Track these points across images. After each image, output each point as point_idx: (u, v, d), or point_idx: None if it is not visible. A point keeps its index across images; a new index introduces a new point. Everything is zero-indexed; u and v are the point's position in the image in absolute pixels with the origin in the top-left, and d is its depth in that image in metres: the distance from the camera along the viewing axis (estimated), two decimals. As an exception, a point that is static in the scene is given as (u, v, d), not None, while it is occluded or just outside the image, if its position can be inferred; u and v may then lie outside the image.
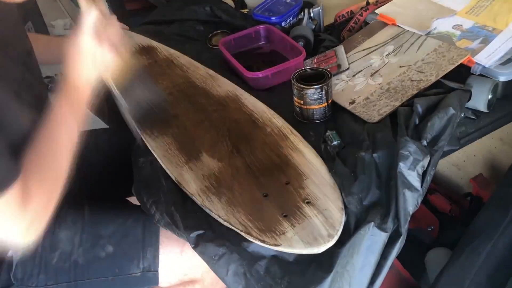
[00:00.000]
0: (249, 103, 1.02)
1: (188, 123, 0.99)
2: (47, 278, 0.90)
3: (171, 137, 0.96)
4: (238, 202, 0.80)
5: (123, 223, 0.94)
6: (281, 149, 0.89)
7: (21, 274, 0.89)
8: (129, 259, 0.92)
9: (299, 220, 0.75)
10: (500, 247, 0.96)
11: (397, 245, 0.75)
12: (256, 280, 0.72)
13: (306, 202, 0.78)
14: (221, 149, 0.91)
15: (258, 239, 0.73)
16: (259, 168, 0.86)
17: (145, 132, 0.97)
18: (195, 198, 0.82)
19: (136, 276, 0.92)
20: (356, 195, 0.77)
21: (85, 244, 0.92)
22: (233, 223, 0.76)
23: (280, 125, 0.95)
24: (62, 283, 0.90)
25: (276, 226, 0.74)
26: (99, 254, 0.91)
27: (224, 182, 0.84)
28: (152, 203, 0.88)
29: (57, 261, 0.90)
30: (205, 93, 1.07)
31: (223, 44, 1.21)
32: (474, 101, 0.91)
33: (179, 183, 0.85)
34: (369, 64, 1.05)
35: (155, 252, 0.92)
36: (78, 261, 0.91)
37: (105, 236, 0.92)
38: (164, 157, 0.91)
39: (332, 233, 0.72)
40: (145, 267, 0.92)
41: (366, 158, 0.81)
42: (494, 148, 1.32)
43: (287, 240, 0.72)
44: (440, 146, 0.81)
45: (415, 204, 0.76)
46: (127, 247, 0.92)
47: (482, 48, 0.96)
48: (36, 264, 0.90)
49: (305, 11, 1.30)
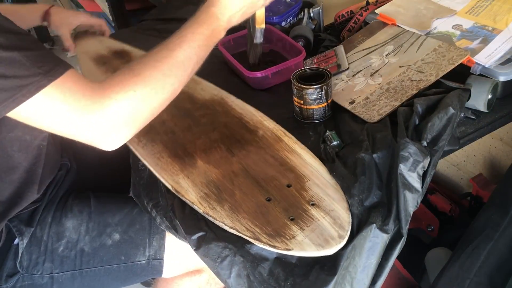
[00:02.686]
0: (237, 106, 1.00)
1: (176, 129, 0.96)
2: (53, 266, 0.91)
3: (160, 144, 0.93)
4: (242, 208, 0.78)
5: (129, 212, 0.95)
6: (277, 152, 0.88)
7: (26, 262, 0.90)
8: (135, 246, 0.92)
9: (307, 222, 0.74)
10: (500, 247, 0.96)
11: (398, 246, 0.74)
12: (259, 283, 0.72)
13: (311, 204, 0.77)
14: (215, 155, 0.89)
15: (268, 244, 0.72)
16: (257, 172, 0.84)
17: (132, 140, 0.93)
18: (197, 207, 0.80)
19: (142, 264, 0.93)
20: (357, 196, 0.77)
21: (91, 233, 0.92)
22: (240, 230, 0.74)
23: (272, 127, 0.94)
24: (68, 272, 0.91)
25: (285, 230, 0.74)
26: (106, 242, 0.92)
27: (224, 188, 0.82)
28: (152, 207, 0.88)
29: (63, 249, 0.91)
30: (189, 97, 1.05)
31: (222, 44, 1.21)
32: (473, 101, 0.91)
33: (177, 191, 0.83)
34: (369, 64, 1.05)
35: (161, 240, 0.92)
36: (84, 249, 0.91)
37: (112, 224, 0.93)
38: (157, 166, 0.88)
39: (343, 234, 0.72)
40: (151, 254, 0.92)
41: (366, 159, 0.81)
42: (494, 148, 1.32)
43: (298, 244, 0.71)
44: (440, 147, 0.81)
45: (415, 205, 0.76)
46: (134, 235, 0.93)
47: (482, 48, 0.96)
48: (42, 252, 0.90)
49: (305, 11, 1.30)
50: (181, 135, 0.95)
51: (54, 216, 0.93)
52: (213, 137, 0.94)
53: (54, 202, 0.95)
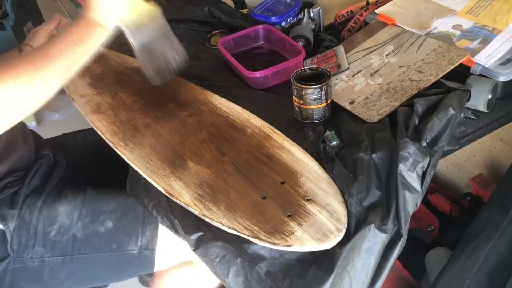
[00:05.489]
0: (222, 105, 1.00)
1: (162, 131, 0.95)
2: (44, 250, 0.91)
3: (148, 147, 0.92)
4: (238, 207, 0.78)
5: (124, 201, 0.95)
6: (267, 149, 0.88)
7: (17, 246, 0.91)
8: (128, 235, 0.93)
9: (305, 218, 0.75)
10: (500, 247, 0.96)
11: (398, 246, 0.75)
12: (256, 282, 0.72)
13: (307, 200, 0.78)
14: (206, 155, 0.89)
15: (268, 242, 0.72)
16: (250, 170, 0.84)
17: (118, 145, 0.93)
18: (192, 209, 0.79)
19: (134, 253, 0.93)
20: (355, 196, 0.77)
21: (84, 219, 0.93)
22: (238, 229, 0.74)
23: (260, 125, 0.93)
24: (59, 256, 0.92)
25: (283, 227, 0.74)
26: (98, 229, 0.93)
27: (218, 188, 0.82)
28: (153, 207, 0.88)
29: (55, 234, 0.92)
30: (172, 97, 1.04)
31: (222, 44, 1.21)
32: (473, 101, 0.91)
33: (170, 194, 0.82)
34: (369, 64, 1.05)
35: (155, 230, 0.93)
36: (76, 235, 0.92)
37: (105, 212, 0.94)
38: (147, 169, 0.87)
39: (340, 227, 0.72)
40: (143, 244, 0.93)
41: (365, 159, 0.81)
42: (494, 148, 1.32)
43: (297, 239, 0.72)
44: (439, 147, 0.81)
45: (415, 205, 0.76)
46: (127, 223, 0.93)
47: (482, 48, 0.96)
48: (31, 235, 0.91)
49: (305, 11, 1.30)
50: (169, 137, 0.94)
51: (45, 200, 0.94)
52: (201, 137, 0.93)
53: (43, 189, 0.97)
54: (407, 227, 0.75)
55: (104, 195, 0.96)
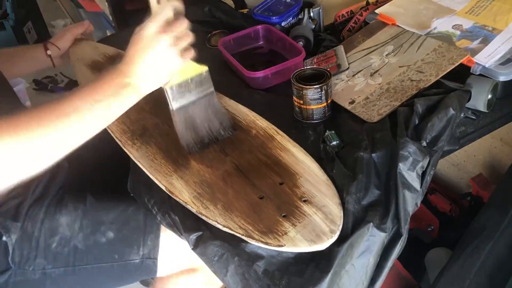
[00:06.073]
0: (230, 106, 1.00)
1: (170, 131, 0.95)
2: (46, 262, 0.90)
3: (155, 146, 0.93)
4: (234, 206, 0.79)
5: (124, 210, 0.95)
6: (269, 150, 0.88)
7: (18, 258, 0.90)
8: (129, 245, 0.92)
9: (299, 219, 0.75)
10: (500, 247, 0.96)
11: (398, 246, 0.75)
12: (254, 281, 0.72)
13: (304, 201, 0.78)
14: (209, 155, 0.89)
15: (261, 241, 0.72)
16: (250, 171, 0.85)
17: (126, 144, 0.93)
18: (190, 207, 0.80)
19: (135, 263, 0.93)
20: (354, 194, 0.77)
21: (85, 230, 0.92)
22: (233, 228, 0.75)
23: (265, 126, 0.94)
24: (60, 268, 0.91)
25: (277, 227, 0.74)
26: (99, 240, 0.92)
27: (218, 188, 0.82)
28: (153, 204, 0.88)
29: (56, 245, 0.91)
30: None
31: (222, 44, 1.21)
32: (473, 101, 0.91)
33: (170, 192, 0.83)
34: (369, 64, 1.05)
35: (156, 239, 0.92)
36: (78, 246, 0.91)
37: (106, 222, 0.93)
38: (151, 167, 0.88)
39: (334, 229, 0.72)
40: (144, 254, 0.92)
41: (365, 158, 0.81)
42: (494, 148, 1.32)
43: (290, 240, 0.72)
44: (439, 147, 0.81)
45: (415, 205, 0.76)
46: (128, 233, 0.93)
47: (482, 48, 0.96)
48: (33, 247, 0.90)
49: (305, 11, 1.30)
50: (175, 137, 0.94)
51: (47, 211, 0.93)
52: None
53: (45, 198, 0.95)
54: (407, 226, 0.75)
55: (105, 204, 0.96)
